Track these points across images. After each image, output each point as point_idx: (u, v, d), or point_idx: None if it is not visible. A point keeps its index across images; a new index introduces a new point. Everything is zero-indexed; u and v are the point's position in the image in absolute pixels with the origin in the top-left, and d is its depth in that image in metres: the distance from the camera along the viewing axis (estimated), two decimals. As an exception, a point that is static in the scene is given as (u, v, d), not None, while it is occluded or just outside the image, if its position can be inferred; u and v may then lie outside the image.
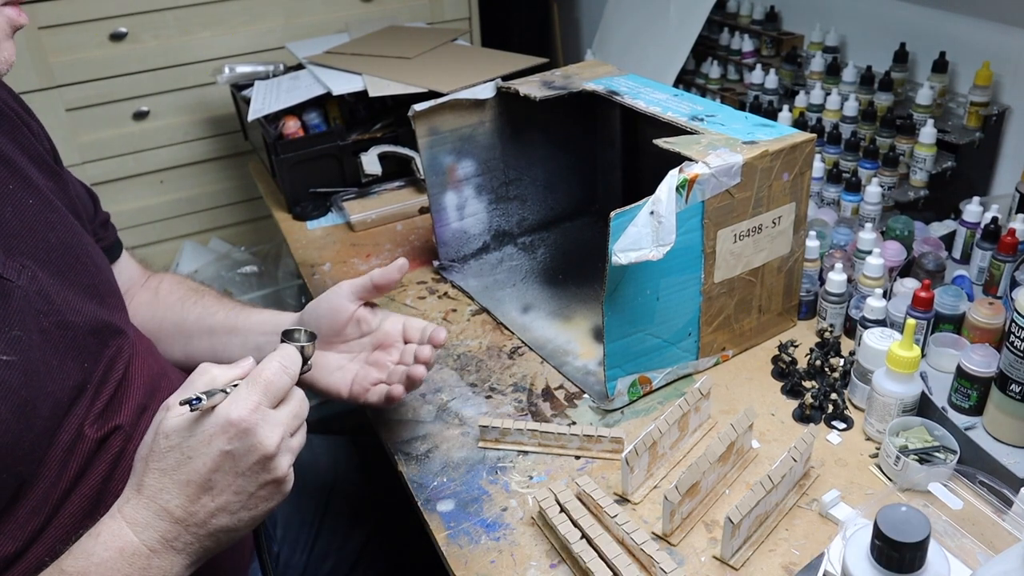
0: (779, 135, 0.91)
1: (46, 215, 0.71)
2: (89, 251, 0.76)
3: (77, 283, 0.71)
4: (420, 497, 0.82)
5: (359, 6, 1.98)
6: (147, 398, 0.74)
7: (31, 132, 0.76)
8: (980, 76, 1.19)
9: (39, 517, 0.63)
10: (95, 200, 0.88)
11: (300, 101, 1.46)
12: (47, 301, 0.66)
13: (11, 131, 0.73)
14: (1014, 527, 0.70)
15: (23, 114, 0.77)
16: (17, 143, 0.73)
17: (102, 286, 0.75)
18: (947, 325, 0.91)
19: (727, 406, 0.92)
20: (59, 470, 0.64)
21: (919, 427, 0.81)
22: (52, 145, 0.80)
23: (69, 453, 0.65)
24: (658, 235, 0.80)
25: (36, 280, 0.66)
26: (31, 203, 0.70)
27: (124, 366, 0.73)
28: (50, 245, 0.70)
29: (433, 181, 1.15)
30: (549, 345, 1.04)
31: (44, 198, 0.72)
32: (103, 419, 0.69)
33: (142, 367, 0.76)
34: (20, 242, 0.67)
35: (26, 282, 0.65)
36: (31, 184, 0.71)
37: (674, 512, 0.74)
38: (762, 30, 1.63)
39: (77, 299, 0.70)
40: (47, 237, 0.70)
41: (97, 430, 0.67)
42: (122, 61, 1.79)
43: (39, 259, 0.68)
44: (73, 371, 0.67)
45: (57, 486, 0.64)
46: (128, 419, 0.71)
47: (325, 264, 1.28)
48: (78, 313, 0.70)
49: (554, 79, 1.13)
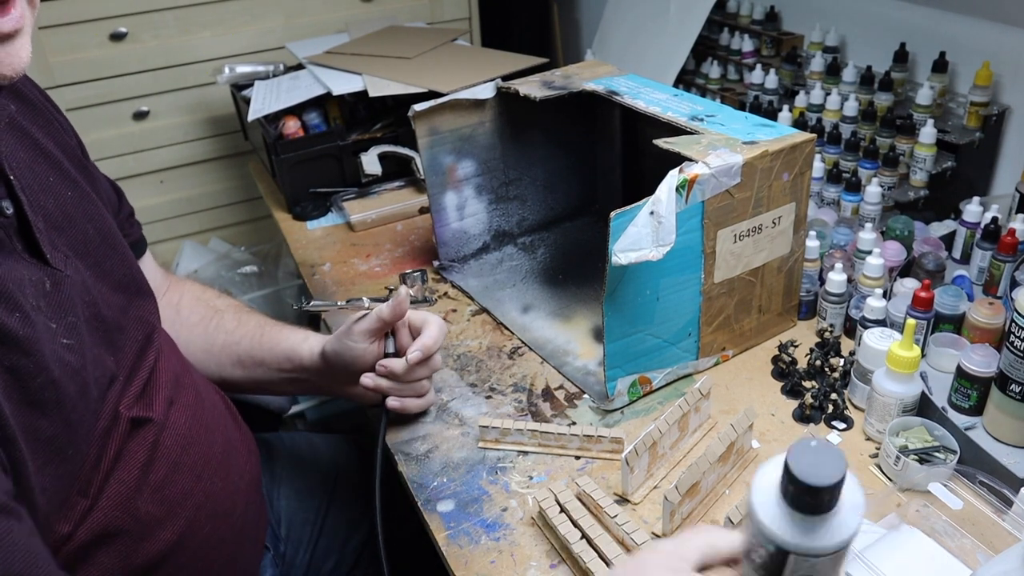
0: (779, 135, 0.91)
1: (84, 207, 0.72)
2: (119, 244, 0.77)
3: (111, 275, 0.73)
4: (420, 497, 0.82)
5: (359, 6, 1.98)
6: (173, 392, 0.76)
7: (61, 127, 0.78)
8: (980, 76, 1.19)
9: (86, 498, 0.65)
10: (120, 194, 0.89)
11: (300, 101, 1.46)
12: (87, 292, 0.68)
13: (46, 126, 0.74)
14: (1014, 527, 0.70)
15: (52, 110, 0.78)
16: (52, 136, 0.74)
17: (133, 279, 0.77)
18: (947, 325, 0.91)
19: (727, 406, 0.92)
20: (100, 450, 0.66)
21: (919, 427, 0.81)
22: (80, 140, 0.82)
23: (108, 434, 0.67)
24: (658, 235, 0.80)
25: (78, 271, 0.68)
26: (70, 195, 0.71)
27: (154, 359, 0.75)
28: (88, 237, 0.71)
29: (433, 181, 1.15)
30: (549, 345, 1.04)
31: (81, 190, 0.73)
32: (137, 405, 0.71)
33: (168, 362, 0.77)
34: (62, 233, 0.68)
35: (72, 272, 0.67)
36: (68, 177, 0.72)
37: (674, 512, 0.74)
38: (762, 30, 1.63)
39: (109, 292, 0.72)
40: (85, 229, 0.71)
41: (132, 412, 0.69)
42: (122, 61, 1.79)
43: (78, 251, 0.69)
44: (106, 361, 0.69)
45: (99, 468, 0.66)
46: (160, 411, 0.72)
47: (325, 264, 1.28)
48: (110, 306, 0.71)
49: (554, 79, 1.13)
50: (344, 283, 1.23)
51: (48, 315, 0.61)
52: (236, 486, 0.80)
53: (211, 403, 0.82)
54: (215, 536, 0.76)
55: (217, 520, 0.76)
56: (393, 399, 0.86)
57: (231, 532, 0.78)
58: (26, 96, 0.74)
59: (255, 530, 0.86)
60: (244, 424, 0.90)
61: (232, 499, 0.79)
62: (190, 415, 0.76)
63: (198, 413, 0.78)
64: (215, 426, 0.80)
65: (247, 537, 0.83)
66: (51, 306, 0.62)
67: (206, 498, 0.75)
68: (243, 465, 0.83)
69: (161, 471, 0.71)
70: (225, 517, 0.77)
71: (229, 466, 0.80)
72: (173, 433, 0.73)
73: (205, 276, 1.91)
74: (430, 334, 0.85)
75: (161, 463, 0.71)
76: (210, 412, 0.80)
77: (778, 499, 0.43)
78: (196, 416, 0.77)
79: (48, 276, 0.63)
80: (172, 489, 0.71)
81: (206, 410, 0.80)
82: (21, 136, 0.70)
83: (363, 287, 1.21)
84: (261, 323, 0.94)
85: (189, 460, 0.74)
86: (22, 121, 0.71)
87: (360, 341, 0.84)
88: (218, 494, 0.77)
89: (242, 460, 0.84)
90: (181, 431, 0.74)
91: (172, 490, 0.71)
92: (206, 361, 0.93)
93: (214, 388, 0.88)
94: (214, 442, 0.78)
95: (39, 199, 0.67)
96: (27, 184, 0.66)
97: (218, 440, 0.79)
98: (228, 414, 0.86)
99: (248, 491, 0.83)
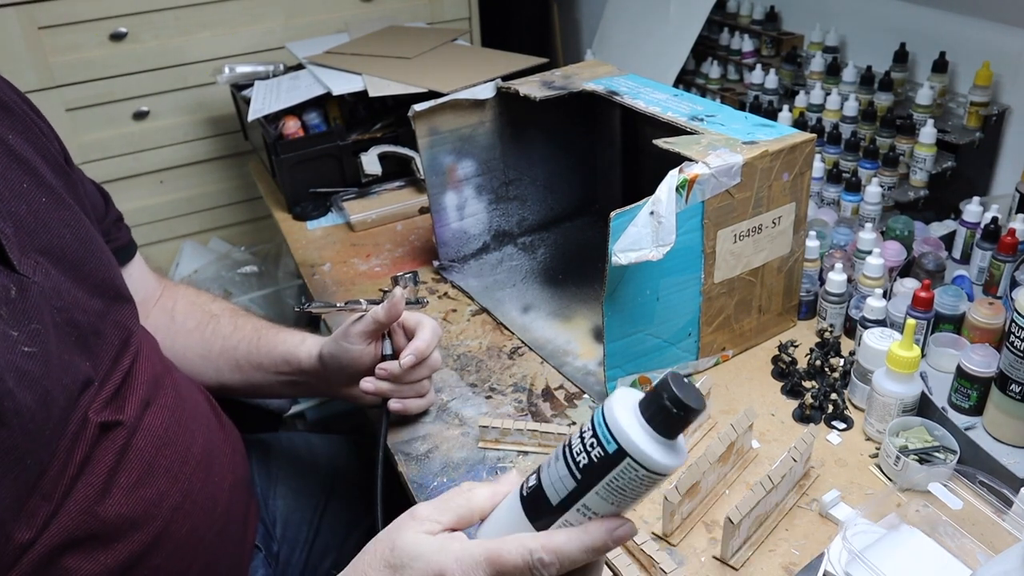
0: (779, 135, 0.91)
1: (59, 213, 0.72)
2: (99, 249, 0.77)
3: (87, 281, 0.72)
4: (420, 497, 0.82)
5: (359, 6, 1.98)
6: (151, 393, 0.75)
7: (41, 132, 0.77)
8: (980, 76, 1.19)
9: (49, 504, 0.64)
10: (107, 198, 0.88)
11: (300, 101, 1.46)
12: (59, 297, 0.68)
13: (24, 130, 0.74)
14: (1014, 527, 0.70)
15: (31, 114, 0.78)
16: (29, 142, 0.74)
17: (111, 284, 0.76)
18: (947, 325, 0.91)
19: (727, 406, 0.92)
20: (66, 456, 0.66)
21: (919, 427, 0.81)
22: (62, 145, 0.81)
23: (75, 440, 0.67)
24: (658, 235, 0.80)
25: (49, 277, 0.67)
26: (44, 201, 0.71)
27: (130, 362, 0.74)
28: (64, 242, 0.71)
29: (433, 181, 1.15)
30: (549, 345, 1.04)
31: (57, 196, 0.73)
32: (107, 409, 0.70)
33: (146, 364, 0.77)
34: (35, 239, 0.68)
35: (41, 278, 0.66)
36: (44, 182, 0.72)
37: (674, 512, 0.74)
38: (762, 30, 1.63)
39: (86, 297, 0.71)
40: (60, 234, 0.71)
41: (100, 417, 0.69)
42: (122, 61, 1.79)
43: (52, 256, 0.69)
44: (82, 366, 0.68)
45: (65, 472, 0.66)
46: (132, 414, 0.72)
47: (325, 264, 1.28)
48: (86, 311, 0.71)
49: (554, 79, 1.13)
50: (344, 283, 1.23)
51: (9, 323, 0.61)
52: (218, 486, 0.80)
53: (193, 403, 0.82)
54: (194, 537, 0.75)
55: (196, 521, 0.75)
56: (395, 401, 0.86)
57: (212, 532, 0.78)
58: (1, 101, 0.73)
59: (241, 530, 0.85)
60: (230, 424, 0.90)
61: (213, 499, 0.79)
62: (167, 416, 0.76)
63: (177, 414, 0.77)
64: (195, 427, 0.80)
65: (231, 537, 0.82)
66: (13, 313, 0.62)
67: (184, 498, 0.75)
68: (227, 465, 0.83)
69: (134, 473, 0.70)
70: (205, 517, 0.77)
71: (211, 466, 0.80)
72: (147, 435, 0.73)
73: (205, 276, 1.92)
74: (423, 337, 0.85)
75: (133, 465, 0.71)
76: (191, 413, 0.80)
77: (635, 410, 0.48)
78: (174, 417, 0.77)
79: (14, 283, 0.63)
80: (146, 490, 0.71)
81: (186, 411, 0.79)
82: None
83: (363, 287, 1.21)
84: (257, 326, 0.94)
85: (164, 461, 0.74)
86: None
87: (357, 343, 0.84)
88: (197, 494, 0.76)
89: (226, 460, 0.83)
90: (157, 432, 0.74)
91: (146, 491, 0.71)
92: (203, 367, 0.92)
93: (198, 388, 0.87)
94: (193, 443, 0.78)
95: (10, 205, 0.66)
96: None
97: (198, 440, 0.79)
98: (212, 414, 0.86)
99: (233, 491, 0.83)
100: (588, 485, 0.49)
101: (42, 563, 0.64)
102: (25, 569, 0.63)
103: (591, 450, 0.49)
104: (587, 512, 0.50)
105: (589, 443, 0.49)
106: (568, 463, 0.50)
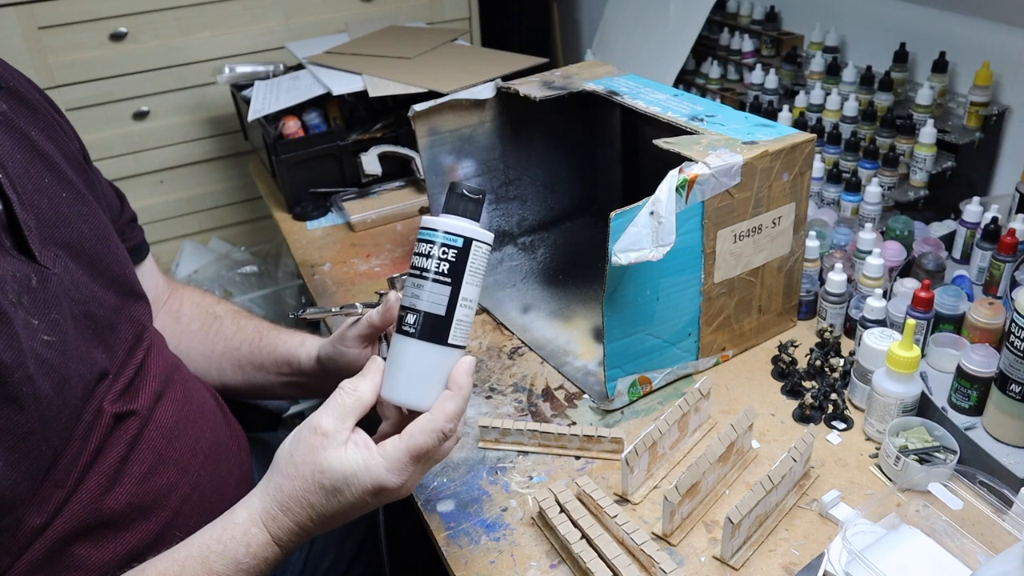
0: (779, 135, 0.91)
1: (78, 208, 0.73)
2: (115, 246, 0.78)
3: (104, 276, 0.74)
4: (420, 497, 0.82)
5: (359, 6, 1.98)
6: (162, 386, 0.77)
7: (62, 130, 0.79)
8: (980, 76, 1.19)
9: (62, 491, 0.65)
10: (122, 199, 0.90)
11: (300, 101, 1.47)
12: (77, 290, 0.69)
13: (46, 128, 0.75)
14: (1014, 527, 0.70)
15: (53, 112, 0.79)
16: (51, 139, 0.75)
17: (127, 280, 0.78)
18: (947, 325, 0.91)
19: (727, 406, 0.92)
20: (80, 445, 0.67)
21: (919, 427, 0.81)
22: (82, 144, 0.83)
23: (90, 429, 0.68)
24: (658, 235, 0.80)
25: (68, 270, 0.69)
26: (64, 196, 0.72)
27: (143, 356, 0.76)
28: (82, 237, 0.72)
29: (433, 181, 1.15)
30: (549, 345, 1.04)
31: (77, 192, 0.74)
32: (121, 400, 0.72)
33: (158, 358, 0.78)
34: (55, 232, 0.69)
35: (60, 270, 0.67)
36: (65, 178, 0.73)
37: (674, 512, 0.74)
38: (762, 30, 1.63)
39: (102, 291, 0.73)
40: (79, 229, 0.72)
41: (115, 408, 0.70)
42: (122, 61, 1.79)
43: (71, 250, 0.70)
44: (98, 357, 0.70)
45: (78, 461, 0.67)
46: (145, 405, 0.73)
47: (325, 264, 1.28)
48: (102, 305, 0.72)
49: (554, 79, 1.13)
50: (344, 283, 1.23)
51: (30, 311, 0.62)
52: (225, 481, 0.81)
53: (200, 399, 0.83)
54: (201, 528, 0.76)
55: (204, 513, 0.76)
56: None
57: None
58: (25, 98, 0.75)
59: None
60: (235, 422, 0.91)
61: (220, 493, 0.80)
62: (177, 409, 0.77)
63: (186, 408, 0.79)
64: (203, 422, 0.81)
65: None
66: (35, 302, 0.63)
67: (192, 490, 0.76)
68: (233, 461, 0.84)
69: (145, 463, 0.72)
70: (213, 510, 0.78)
71: (217, 461, 0.81)
72: (158, 426, 0.74)
73: (205, 276, 1.92)
74: None
75: (144, 456, 0.72)
76: (199, 408, 0.82)
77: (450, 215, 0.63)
78: (184, 411, 0.78)
79: (35, 273, 0.64)
80: (156, 480, 0.73)
81: (194, 406, 0.81)
82: (19, 138, 0.70)
83: (363, 287, 1.21)
84: (259, 327, 0.95)
85: (174, 453, 0.75)
86: (20, 122, 0.72)
87: (353, 347, 0.85)
88: (205, 487, 0.78)
89: (232, 456, 0.84)
90: (167, 424, 0.75)
91: (156, 481, 0.73)
92: (207, 367, 0.94)
93: (205, 386, 0.88)
94: (201, 437, 0.79)
95: (32, 198, 0.67)
96: (20, 183, 0.67)
97: (206, 435, 0.80)
98: (218, 411, 0.87)
99: (238, 487, 0.83)
100: (458, 281, 0.62)
101: (53, 549, 0.65)
102: (36, 555, 0.64)
103: (446, 255, 0.62)
104: (466, 303, 0.63)
105: (441, 252, 0.62)
106: (436, 279, 0.62)
